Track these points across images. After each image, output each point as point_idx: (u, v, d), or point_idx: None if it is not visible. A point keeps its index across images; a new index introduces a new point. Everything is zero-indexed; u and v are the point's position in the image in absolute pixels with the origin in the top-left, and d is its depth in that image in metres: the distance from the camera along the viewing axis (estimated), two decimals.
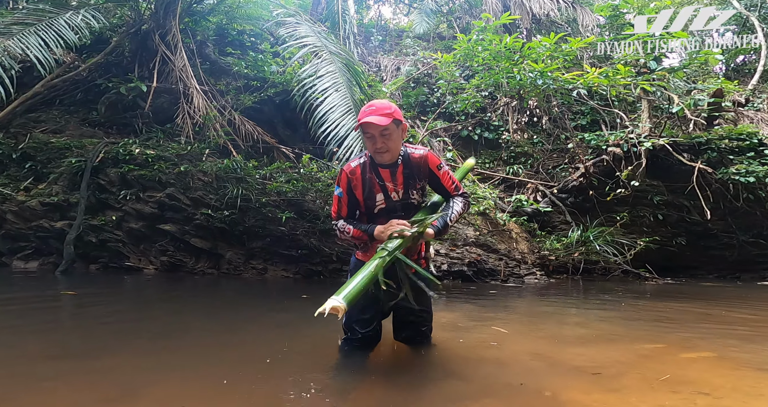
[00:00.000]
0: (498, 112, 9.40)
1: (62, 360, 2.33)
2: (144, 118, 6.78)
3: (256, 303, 4.45)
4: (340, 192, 2.21)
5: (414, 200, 2.27)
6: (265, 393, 1.90)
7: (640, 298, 5.10)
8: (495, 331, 3.09)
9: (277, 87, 6.91)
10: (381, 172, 2.19)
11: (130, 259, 6.14)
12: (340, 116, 5.01)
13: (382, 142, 2.09)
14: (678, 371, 2.24)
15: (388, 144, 2.11)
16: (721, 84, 7.41)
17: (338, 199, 2.23)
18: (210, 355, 2.48)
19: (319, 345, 2.71)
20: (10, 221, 6.14)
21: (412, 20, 12.53)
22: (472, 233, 6.37)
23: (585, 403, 1.77)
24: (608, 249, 6.52)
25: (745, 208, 6.78)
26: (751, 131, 7.20)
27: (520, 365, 2.35)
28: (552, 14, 10.29)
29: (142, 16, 6.97)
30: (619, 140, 7.17)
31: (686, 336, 3.02)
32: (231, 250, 6.06)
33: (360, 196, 2.21)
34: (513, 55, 6.56)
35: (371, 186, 2.19)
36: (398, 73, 10.35)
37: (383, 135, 2.08)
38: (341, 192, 2.21)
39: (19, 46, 5.20)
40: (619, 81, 6.42)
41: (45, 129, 6.61)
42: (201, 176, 5.95)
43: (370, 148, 2.15)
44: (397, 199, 2.23)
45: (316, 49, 5.71)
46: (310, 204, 5.96)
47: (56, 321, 3.38)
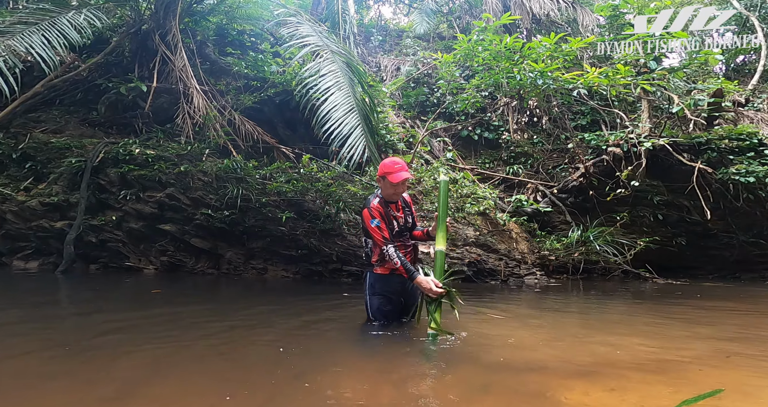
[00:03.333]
0: (498, 112, 9.39)
1: (62, 360, 2.33)
2: (144, 118, 6.78)
3: (256, 303, 4.45)
4: (378, 222, 2.87)
5: (410, 224, 3.11)
6: (266, 392, 1.90)
7: (640, 298, 5.10)
8: (492, 330, 3.09)
9: (277, 87, 6.91)
10: (391, 207, 2.99)
11: (130, 259, 6.14)
12: (343, 115, 4.99)
13: (403, 188, 2.97)
14: (678, 371, 2.24)
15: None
16: (721, 84, 7.40)
17: (379, 227, 2.86)
18: (210, 355, 2.48)
19: (319, 345, 2.71)
20: (10, 221, 6.14)
21: (412, 20, 12.53)
22: (472, 233, 6.37)
23: (585, 403, 1.77)
24: (608, 249, 6.52)
25: (745, 208, 6.77)
26: (751, 131, 7.19)
27: (521, 365, 2.35)
28: (552, 14, 10.28)
29: (142, 16, 6.96)
30: (619, 140, 7.17)
31: (686, 336, 3.02)
32: (231, 250, 6.06)
33: (386, 223, 2.91)
34: (513, 55, 6.55)
35: (388, 216, 2.94)
36: (398, 73, 10.35)
37: (405, 183, 2.93)
38: (379, 221, 2.87)
39: (23, 45, 5.19)
40: (619, 81, 6.41)
41: (45, 129, 6.61)
42: (201, 176, 5.95)
43: (398, 191, 2.94)
44: (402, 224, 3.03)
45: (318, 49, 5.70)
46: (310, 204, 5.96)
47: (56, 321, 3.38)
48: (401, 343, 2.72)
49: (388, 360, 2.43)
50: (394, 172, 2.87)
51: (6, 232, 6.18)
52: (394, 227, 2.97)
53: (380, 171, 2.93)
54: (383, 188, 2.96)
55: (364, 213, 2.94)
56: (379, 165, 2.97)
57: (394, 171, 2.87)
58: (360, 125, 4.95)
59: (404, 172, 2.90)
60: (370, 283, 3.04)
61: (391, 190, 2.92)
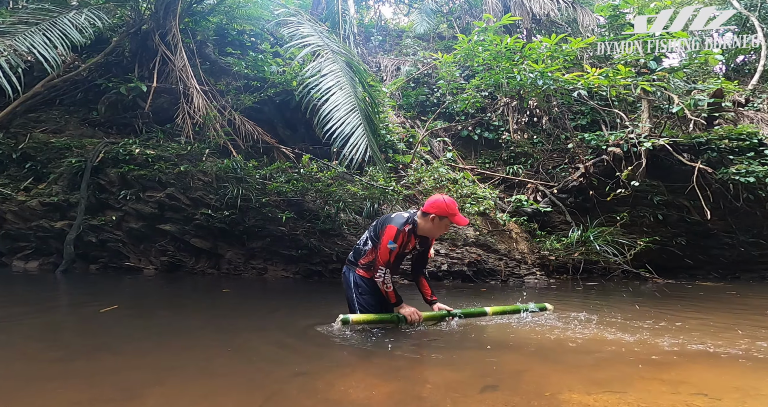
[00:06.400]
0: (498, 112, 9.40)
1: (62, 360, 2.33)
2: (144, 118, 6.78)
3: (256, 303, 4.45)
4: (394, 246, 2.79)
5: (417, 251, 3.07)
6: (266, 392, 1.90)
7: (640, 298, 5.10)
8: (492, 329, 3.09)
9: (277, 87, 6.92)
10: (413, 238, 2.90)
11: (130, 259, 6.14)
12: (344, 114, 4.99)
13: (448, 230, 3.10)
14: (677, 371, 2.24)
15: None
16: (721, 84, 7.40)
17: (391, 251, 2.79)
18: (210, 355, 2.48)
19: (319, 344, 2.71)
20: (10, 221, 6.14)
21: (412, 20, 12.53)
22: (472, 233, 6.37)
23: (585, 403, 1.77)
24: (608, 249, 6.52)
25: (745, 208, 6.77)
26: (751, 131, 7.19)
27: (520, 364, 2.35)
28: (552, 14, 10.29)
29: (142, 16, 6.97)
30: (619, 140, 7.17)
31: (686, 336, 3.02)
32: (231, 250, 6.06)
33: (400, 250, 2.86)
34: (513, 56, 6.56)
35: (405, 246, 2.89)
36: (398, 73, 10.35)
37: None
38: (396, 246, 2.79)
39: (25, 45, 5.19)
40: (619, 81, 6.41)
41: (45, 129, 6.61)
42: (201, 176, 5.95)
43: (443, 232, 3.03)
44: (408, 251, 2.99)
45: (319, 49, 5.70)
46: (310, 205, 5.96)
47: (56, 321, 3.38)
48: (401, 343, 2.72)
49: (389, 359, 2.42)
50: (457, 214, 2.83)
51: (6, 232, 6.18)
52: (403, 254, 2.96)
53: (440, 211, 2.80)
54: (431, 225, 2.85)
55: (388, 228, 2.81)
56: (434, 203, 2.83)
57: (458, 213, 2.84)
58: (361, 125, 4.95)
59: (463, 214, 2.91)
60: (354, 282, 3.00)
61: (442, 230, 2.94)
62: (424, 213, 2.86)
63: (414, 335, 2.89)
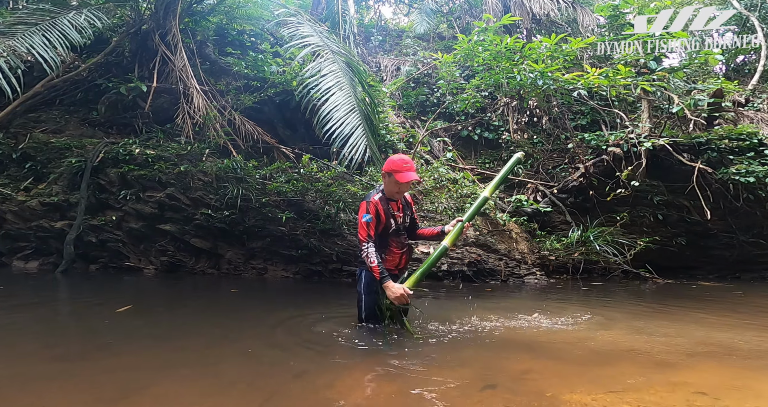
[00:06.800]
0: (498, 112, 9.39)
1: (62, 360, 2.33)
2: (144, 118, 6.77)
3: (257, 303, 4.45)
4: (369, 218, 2.81)
5: (407, 224, 3.10)
6: (266, 392, 1.90)
7: (640, 298, 5.10)
8: (492, 329, 3.09)
9: (277, 87, 6.91)
10: (392, 205, 2.95)
11: (130, 259, 6.14)
12: (344, 114, 4.99)
13: (408, 188, 2.97)
14: (678, 371, 2.24)
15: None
16: (721, 84, 7.40)
17: (367, 223, 2.80)
18: (210, 355, 2.48)
19: (319, 344, 2.71)
20: (10, 221, 6.14)
21: (412, 20, 12.52)
22: (472, 233, 6.37)
23: (585, 403, 1.77)
24: (608, 249, 6.52)
25: (745, 208, 6.77)
26: (751, 131, 7.18)
27: (521, 364, 2.35)
28: (552, 14, 10.29)
29: (142, 16, 6.96)
30: (619, 140, 7.16)
31: (686, 336, 3.02)
32: (231, 250, 6.06)
33: (383, 220, 2.87)
34: (513, 56, 6.56)
35: (388, 214, 2.89)
36: (398, 73, 10.35)
37: (410, 184, 2.89)
38: (371, 217, 2.81)
39: (24, 45, 5.19)
40: (619, 81, 6.40)
41: (45, 129, 6.61)
42: (201, 176, 5.95)
43: (401, 190, 2.93)
44: (400, 223, 3.00)
45: (319, 49, 5.70)
46: (310, 205, 5.96)
47: (56, 321, 3.38)
48: (401, 343, 2.72)
49: (389, 359, 2.43)
50: (402, 171, 2.80)
51: (6, 232, 6.17)
52: (391, 225, 2.93)
53: (387, 167, 2.86)
54: (387, 184, 2.91)
55: (360, 205, 2.88)
56: (387, 160, 2.90)
57: (403, 169, 2.81)
58: (361, 125, 4.95)
59: (413, 172, 2.83)
60: (366, 282, 2.94)
61: (395, 188, 2.89)
62: (383, 174, 2.94)
63: (415, 336, 2.88)
